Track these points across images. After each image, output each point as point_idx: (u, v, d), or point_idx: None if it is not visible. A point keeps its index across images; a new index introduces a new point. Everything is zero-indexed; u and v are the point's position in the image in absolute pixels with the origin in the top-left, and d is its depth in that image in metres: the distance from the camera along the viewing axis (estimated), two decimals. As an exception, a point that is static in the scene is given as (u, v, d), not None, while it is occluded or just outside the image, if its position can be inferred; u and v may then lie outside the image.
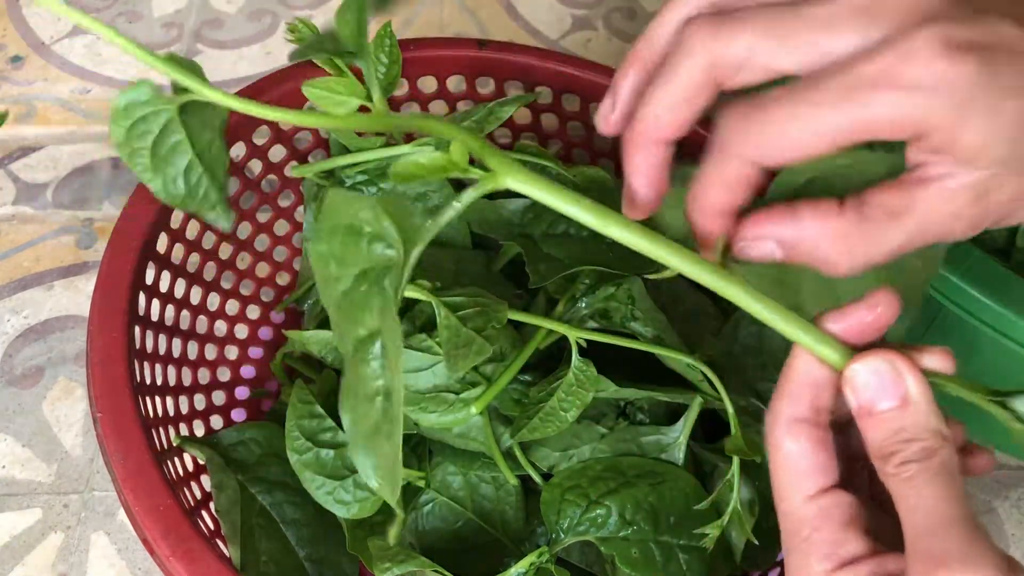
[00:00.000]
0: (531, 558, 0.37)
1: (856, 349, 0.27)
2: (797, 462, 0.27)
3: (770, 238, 0.28)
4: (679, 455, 0.41)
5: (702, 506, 0.39)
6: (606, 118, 0.31)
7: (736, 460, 0.38)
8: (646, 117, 0.28)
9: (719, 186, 0.28)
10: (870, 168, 0.29)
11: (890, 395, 0.26)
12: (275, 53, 0.69)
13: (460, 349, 0.35)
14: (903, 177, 0.27)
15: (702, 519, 0.39)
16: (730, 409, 0.38)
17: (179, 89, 0.28)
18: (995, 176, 0.26)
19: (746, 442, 0.38)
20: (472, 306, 0.37)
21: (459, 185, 0.52)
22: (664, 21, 0.29)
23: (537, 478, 0.41)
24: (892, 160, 0.28)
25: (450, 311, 0.36)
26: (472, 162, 0.27)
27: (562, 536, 0.39)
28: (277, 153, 0.49)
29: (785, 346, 0.43)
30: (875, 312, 0.26)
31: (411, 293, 0.36)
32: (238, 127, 0.45)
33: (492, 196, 0.49)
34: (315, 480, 0.38)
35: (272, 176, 0.49)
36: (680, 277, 0.45)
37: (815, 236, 0.27)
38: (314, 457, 0.38)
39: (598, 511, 0.39)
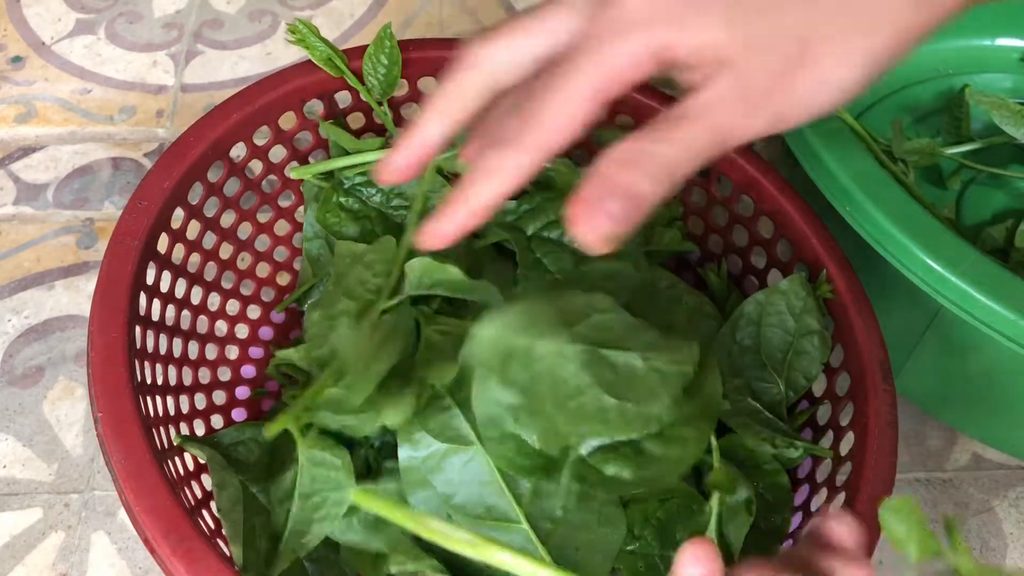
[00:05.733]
0: None
1: None
2: None
3: (587, 201, 0.28)
4: None
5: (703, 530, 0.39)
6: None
7: (716, 496, 0.38)
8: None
9: (454, 99, 0.31)
10: None
11: None
12: (275, 53, 0.69)
13: (389, 383, 0.35)
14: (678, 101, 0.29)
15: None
16: (714, 442, 0.38)
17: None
18: (744, 65, 0.28)
19: (726, 476, 0.37)
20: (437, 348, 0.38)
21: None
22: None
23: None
24: None
25: (431, 338, 0.37)
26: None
27: None
28: (278, 153, 0.49)
29: (783, 346, 0.43)
30: None
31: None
32: (239, 127, 0.45)
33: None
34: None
35: (272, 176, 0.50)
36: (680, 277, 0.45)
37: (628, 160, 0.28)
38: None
39: None
